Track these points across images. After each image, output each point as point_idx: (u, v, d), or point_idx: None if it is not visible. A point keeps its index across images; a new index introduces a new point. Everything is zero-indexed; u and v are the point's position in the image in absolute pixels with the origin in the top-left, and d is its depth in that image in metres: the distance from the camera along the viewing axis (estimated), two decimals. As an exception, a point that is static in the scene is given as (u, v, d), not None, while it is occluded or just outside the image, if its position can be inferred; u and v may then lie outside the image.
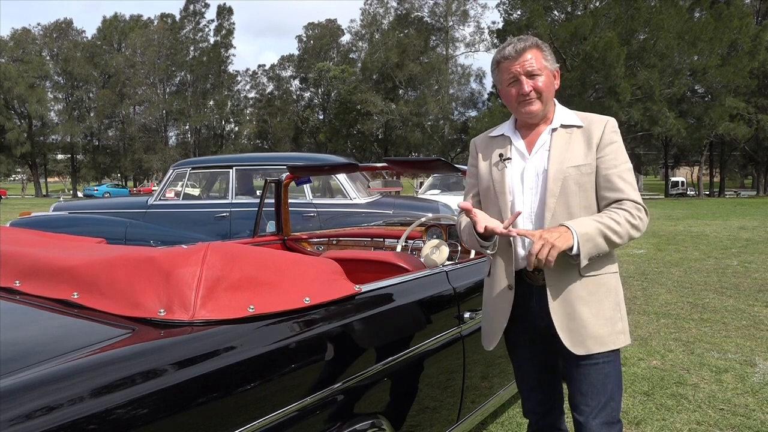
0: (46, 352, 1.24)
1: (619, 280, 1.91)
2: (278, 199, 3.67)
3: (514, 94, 1.85)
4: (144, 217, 6.64)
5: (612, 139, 1.83)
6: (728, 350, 4.43)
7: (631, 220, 1.76)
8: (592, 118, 1.89)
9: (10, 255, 1.87)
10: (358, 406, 1.77)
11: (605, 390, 1.83)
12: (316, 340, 1.65)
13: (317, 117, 60.31)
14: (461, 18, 52.77)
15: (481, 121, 40.88)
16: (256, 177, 7.48)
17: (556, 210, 1.80)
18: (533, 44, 1.84)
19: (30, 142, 55.51)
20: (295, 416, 1.53)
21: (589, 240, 1.70)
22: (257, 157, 7.32)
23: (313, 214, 6.21)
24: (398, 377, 1.97)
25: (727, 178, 52.80)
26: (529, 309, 1.90)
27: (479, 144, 2.05)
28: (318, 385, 1.62)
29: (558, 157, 1.82)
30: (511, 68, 1.84)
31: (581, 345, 1.80)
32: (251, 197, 6.72)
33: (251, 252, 1.67)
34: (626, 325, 1.89)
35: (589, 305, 1.81)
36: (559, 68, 1.93)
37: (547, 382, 2.05)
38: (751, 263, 8.61)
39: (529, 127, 1.92)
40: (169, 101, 60.32)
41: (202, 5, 61.46)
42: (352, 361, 1.78)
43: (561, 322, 1.81)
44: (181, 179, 6.97)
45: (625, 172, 1.82)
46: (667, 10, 36.34)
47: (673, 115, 36.37)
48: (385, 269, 2.56)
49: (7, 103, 55.35)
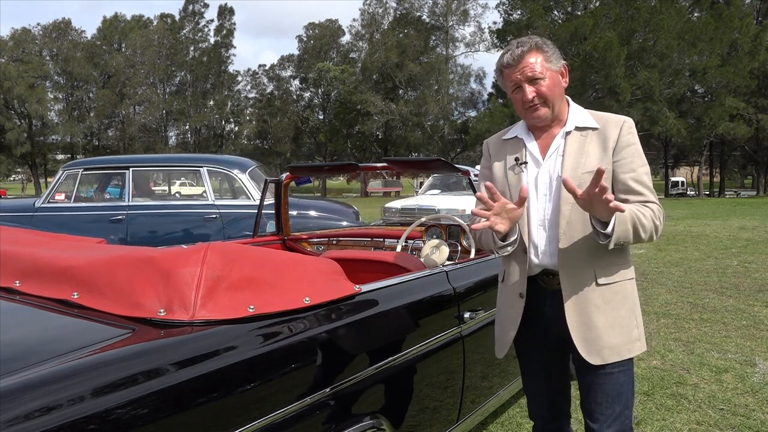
0: (46, 352, 1.24)
1: (635, 286, 1.87)
2: (278, 199, 3.66)
3: (520, 100, 1.81)
4: (31, 221, 6.15)
5: (629, 141, 1.77)
6: (728, 350, 4.43)
7: (655, 220, 1.73)
8: (608, 118, 1.82)
9: (10, 255, 1.86)
10: (358, 406, 1.77)
11: (620, 399, 1.81)
12: (316, 340, 1.65)
13: (317, 117, 60.27)
14: (461, 18, 52.78)
15: (481, 121, 40.89)
16: (155, 178, 7.26)
17: (571, 217, 1.75)
18: (532, 47, 1.77)
19: (30, 142, 55.47)
20: (295, 416, 1.53)
21: (622, 223, 1.64)
22: (155, 158, 7.05)
23: (216, 216, 6.06)
24: (398, 377, 1.97)
25: (727, 178, 52.82)
26: (542, 314, 1.87)
27: (492, 146, 1.99)
28: (318, 385, 1.61)
29: (572, 163, 1.76)
30: (513, 76, 1.78)
31: (597, 355, 1.77)
32: (149, 199, 6.48)
33: (251, 252, 1.67)
34: (642, 331, 1.85)
35: (605, 314, 1.77)
36: (566, 64, 1.85)
37: (556, 387, 2.01)
38: (751, 263, 8.61)
39: (541, 129, 1.86)
40: (169, 101, 60.33)
41: (202, 5, 61.47)
42: (352, 361, 1.78)
43: (577, 331, 1.78)
44: (72, 181, 6.49)
45: (643, 175, 1.77)
46: (667, 10, 36.34)
47: (673, 115, 36.37)
48: (385, 269, 2.56)
49: (7, 103, 55.33)
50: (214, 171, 6.32)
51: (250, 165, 6.52)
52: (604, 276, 1.77)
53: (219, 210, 6.13)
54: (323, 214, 6.36)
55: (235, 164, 6.44)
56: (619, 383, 1.80)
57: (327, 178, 34.26)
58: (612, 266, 1.78)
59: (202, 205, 6.25)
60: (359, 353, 1.82)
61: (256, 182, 6.33)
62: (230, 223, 5.98)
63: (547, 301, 1.84)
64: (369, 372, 1.81)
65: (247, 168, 6.38)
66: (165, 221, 6.15)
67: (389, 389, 1.93)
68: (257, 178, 6.41)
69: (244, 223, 5.89)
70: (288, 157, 58.70)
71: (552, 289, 1.82)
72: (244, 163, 6.60)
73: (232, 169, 6.30)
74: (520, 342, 1.98)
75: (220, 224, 5.95)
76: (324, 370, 1.65)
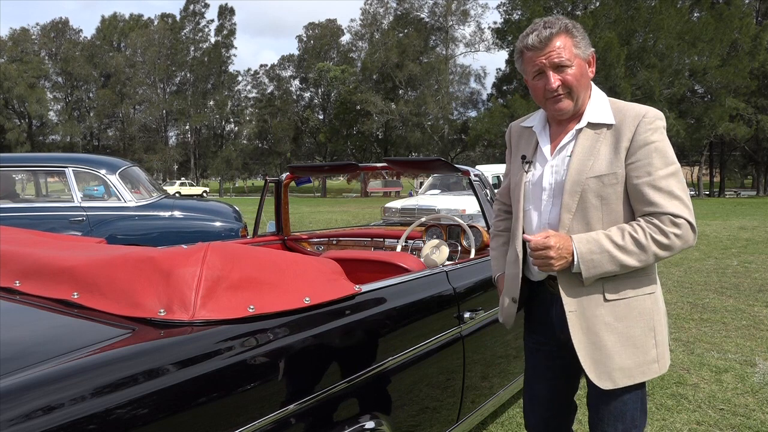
0: (46, 352, 1.24)
1: (657, 301, 1.67)
2: (278, 199, 3.66)
3: (541, 88, 1.62)
4: None
5: (646, 140, 1.55)
6: (728, 350, 4.43)
7: (659, 237, 1.52)
8: (627, 112, 1.60)
9: (10, 255, 1.86)
10: (358, 406, 1.77)
11: (625, 418, 1.67)
12: (316, 340, 1.65)
13: (317, 117, 60.30)
14: (461, 18, 52.80)
15: (481, 122, 40.91)
16: (18, 178, 6.93)
17: (572, 227, 1.59)
18: (561, 29, 1.58)
19: (30, 142, 55.52)
20: (295, 416, 1.53)
21: (593, 266, 1.53)
22: (16, 158, 6.67)
23: (82, 219, 5.78)
24: (398, 377, 1.97)
25: (727, 178, 52.82)
26: (548, 320, 1.75)
27: (514, 133, 1.86)
28: (318, 385, 1.61)
29: (578, 165, 1.59)
30: (536, 60, 1.59)
31: (608, 378, 1.61)
32: (10, 201, 6.05)
33: (251, 252, 1.67)
34: (664, 350, 1.66)
35: (616, 332, 1.60)
36: (594, 52, 1.66)
37: (558, 398, 1.85)
38: (751, 263, 8.61)
39: (559, 123, 1.70)
40: (169, 101, 60.38)
41: (202, 5, 61.50)
42: (352, 361, 1.77)
43: (584, 351, 1.61)
44: None
45: (662, 180, 1.53)
46: (666, 10, 36.38)
47: (673, 116, 36.37)
48: (385, 269, 2.56)
49: (7, 103, 55.38)
50: (81, 171, 6.07)
51: (120, 165, 6.28)
52: (614, 290, 1.60)
53: (86, 212, 5.84)
54: (190, 214, 6.23)
55: (104, 164, 6.18)
56: (624, 401, 1.66)
57: (327, 178, 34.29)
58: (624, 279, 1.60)
59: (67, 207, 5.89)
60: (359, 353, 1.82)
61: (130, 183, 6.17)
62: (97, 226, 5.75)
63: (554, 307, 1.71)
64: (369, 372, 1.81)
65: (117, 168, 6.14)
66: (27, 225, 5.68)
67: (389, 389, 1.93)
68: (130, 179, 6.22)
69: (113, 225, 5.75)
70: (288, 157, 58.73)
71: (558, 293, 1.66)
72: (114, 163, 6.32)
73: (99, 170, 6.06)
74: (526, 341, 1.92)
75: (86, 227, 5.72)
76: (324, 370, 1.65)
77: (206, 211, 6.44)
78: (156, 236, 5.83)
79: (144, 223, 5.94)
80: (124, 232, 5.69)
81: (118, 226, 5.77)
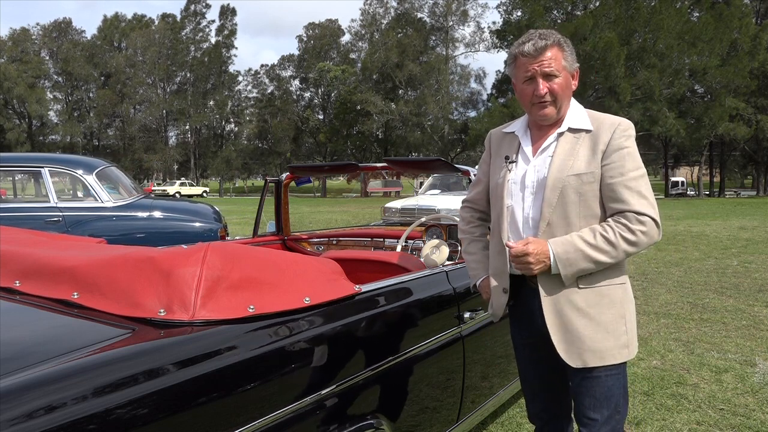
0: (46, 352, 1.24)
1: (627, 291, 1.83)
2: (278, 199, 3.66)
3: (529, 93, 1.78)
4: None
5: (620, 144, 1.73)
6: (728, 350, 4.43)
7: (626, 235, 1.68)
8: (603, 120, 1.78)
9: (10, 255, 1.86)
10: (358, 406, 1.77)
11: (609, 403, 1.78)
12: (316, 340, 1.65)
13: (317, 117, 60.31)
14: (461, 18, 52.83)
15: (481, 122, 40.92)
16: None
17: (553, 219, 1.74)
18: (555, 42, 1.75)
19: (30, 142, 55.53)
20: (295, 416, 1.53)
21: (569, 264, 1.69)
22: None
23: (58, 219, 5.73)
24: (398, 377, 1.97)
25: (727, 178, 52.85)
26: (530, 311, 1.86)
27: (494, 139, 2.00)
28: (318, 385, 1.61)
29: (559, 164, 1.74)
30: (529, 66, 1.75)
31: (578, 358, 1.75)
32: None
33: (251, 252, 1.67)
34: (633, 338, 1.81)
35: (587, 317, 1.74)
36: (578, 68, 1.84)
37: (552, 385, 1.97)
38: (751, 263, 8.61)
39: (540, 128, 1.85)
40: (169, 101, 60.39)
41: (203, 5, 61.51)
42: (352, 361, 1.77)
43: (556, 332, 1.76)
44: None
45: (633, 180, 1.71)
46: (666, 10, 36.39)
47: (673, 115, 36.41)
48: (385, 269, 2.56)
49: (7, 103, 55.41)
50: (57, 171, 6.05)
51: (97, 165, 6.23)
52: (587, 281, 1.74)
53: (62, 213, 5.79)
54: (169, 214, 6.19)
55: (80, 164, 6.14)
56: (607, 386, 1.77)
57: (327, 178, 34.25)
58: (597, 272, 1.74)
59: (43, 207, 5.82)
60: (359, 353, 1.82)
61: (108, 183, 6.12)
62: (74, 226, 5.71)
63: (535, 300, 1.82)
64: (369, 372, 1.81)
65: (94, 168, 6.09)
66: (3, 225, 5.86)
67: (389, 389, 1.93)
68: (108, 179, 6.18)
69: (90, 226, 5.70)
70: (288, 157, 58.73)
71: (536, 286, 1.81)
72: (91, 163, 6.29)
73: (75, 170, 6.01)
74: (514, 338, 2.02)
75: (63, 227, 5.65)
76: (324, 370, 1.65)
77: (186, 212, 6.37)
78: (134, 237, 5.76)
79: (122, 223, 5.87)
80: (102, 232, 5.55)
81: (95, 227, 5.68)
